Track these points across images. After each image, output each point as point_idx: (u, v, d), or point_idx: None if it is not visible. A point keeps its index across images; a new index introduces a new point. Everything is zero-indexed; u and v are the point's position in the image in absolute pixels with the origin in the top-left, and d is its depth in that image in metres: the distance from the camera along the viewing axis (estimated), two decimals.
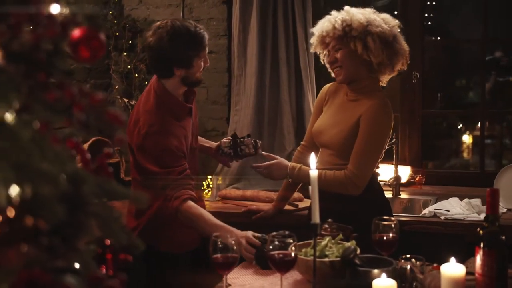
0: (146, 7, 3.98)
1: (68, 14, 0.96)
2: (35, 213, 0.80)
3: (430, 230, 2.86)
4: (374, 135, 2.49)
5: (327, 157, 2.60)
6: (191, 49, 2.44)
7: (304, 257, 1.91)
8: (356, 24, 2.50)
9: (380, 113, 2.51)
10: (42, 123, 0.84)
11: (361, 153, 2.48)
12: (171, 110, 2.51)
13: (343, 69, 2.57)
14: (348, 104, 2.61)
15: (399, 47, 2.56)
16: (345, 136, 2.53)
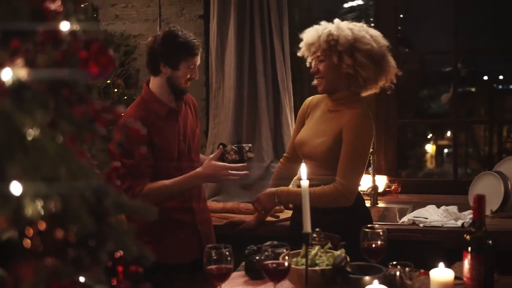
0: (122, 22, 3.99)
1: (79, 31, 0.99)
2: (65, 226, 0.82)
3: (410, 237, 2.92)
4: (358, 145, 2.54)
5: (311, 168, 2.63)
6: (179, 51, 2.58)
7: (295, 266, 1.95)
8: (343, 40, 2.53)
9: (361, 124, 2.55)
10: (68, 138, 0.86)
11: (348, 164, 2.53)
12: (151, 108, 2.63)
13: (324, 80, 2.63)
14: (329, 115, 2.66)
15: (387, 66, 2.61)
16: (328, 147, 2.57)
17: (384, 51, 2.61)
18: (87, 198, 0.85)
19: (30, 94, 0.86)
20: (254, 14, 3.65)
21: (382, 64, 2.59)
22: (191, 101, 2.87)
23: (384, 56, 2.60)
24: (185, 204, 2.70)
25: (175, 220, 2.65)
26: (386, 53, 2.62)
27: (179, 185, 2.57)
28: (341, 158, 2.53)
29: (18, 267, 0.83)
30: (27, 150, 0.81)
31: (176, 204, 2.65)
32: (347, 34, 2.55)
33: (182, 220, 2.68)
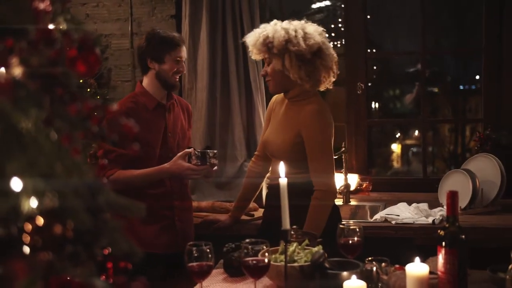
0: (93, 21, 3.96)
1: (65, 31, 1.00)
2: (63, 222, 0.84)
3: (382, 234, 2.98)
4: (320, 141, 2.59)
5: (276, 165, 2.70)
6: (161, 44, 2.74)
7: (274, 262, 1.97)
8: (276, 42, 2.58)
9: (317, 120, 2.60)
10: (63, 135, 0.88)
11: (317, 163, 2.58)
12: (140, 101, 2.78)
13: (272, 81, 2.70)
14: (288, 113, 2.71)
15: (321, 62, 2.61)
16: (288, 145, 2.64)
17: (317, 48, 2.59)
18: (82, 195, 0.86)
19: (24, 92, 0.86)
20: (226, 14, 3.67)
21: (314, 62, 2.59)
22: (186, 106, 3.01)
23: (317, 53, 2.60)
24: (166, 201, 2.78)
25: (154, 212, 2.71)
26: (320, 50, 2.60)
27: (145, 176, 2.68)
28: (309, 161, 2.58)
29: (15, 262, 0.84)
30: (24, 147, 0.82)
31: (157, 199, 2.72)
32: (280, 35, 2.57)
33: (161, 214, 2.73)
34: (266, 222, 2.78)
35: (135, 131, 0.97)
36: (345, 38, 4.01)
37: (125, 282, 0.89)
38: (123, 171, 2.64)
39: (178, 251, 2.69)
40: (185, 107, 3.00)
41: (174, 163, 2.68)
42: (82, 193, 0.86)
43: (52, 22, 0.98)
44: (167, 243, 2.76)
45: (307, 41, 2.57)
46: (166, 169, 2.69)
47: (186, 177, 2.74)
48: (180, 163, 2.67)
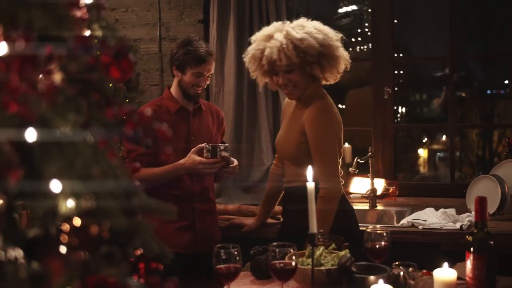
0: (123, 26, 4.02)
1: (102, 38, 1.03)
2: (100, 223, 0.86)
3: (408, 239, 2.97)
4: (321, 137, 2.58)
5: (288, 168, 2.75)
6: (185, 57, 2.78)
7: (300, 266, 1.99)
8: (311, 50, 2.57)
9: (318, 116, 2.60)
10: (100, 139, 0.90)
11: (319, 160, 2.57)
12: (164, 105, 2.86)
13: (297, 89, 2.65)
14: (295, 113, 2.72)
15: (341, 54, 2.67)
16: (294, 145, 2.64)
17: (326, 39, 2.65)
18: (118, 197, 0.89)
19: (63, 97, 0.89)
20: (253, 19, 3.70)
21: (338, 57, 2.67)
22: (216, 111, 3.05)
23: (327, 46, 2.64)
24: (187, 202, 2.82)
25: None
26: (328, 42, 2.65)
27: (163, 173, 2.75)
28: (313, 158, 2.57)
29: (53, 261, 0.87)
30: (62, 150, 0.85)
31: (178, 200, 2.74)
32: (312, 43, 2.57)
33: (180, 214, 2.74)
34: (285, 227, 2.80)
35: (168, 136, 1.00)
36: (371, 42, 4.00)
37: (158, 282, 0.92)
38: (144, 169, 2.68)
39: (196, 252, 2.75)
40: (216, 112, 3.03)
41: (188, 158, 2.72)
42: (117, 195, 0.89)
43: (88, 29, 1.01)
44: (185, 243, 2.80)
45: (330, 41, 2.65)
46: (181, 165, 2.73)
47: (199, 171, 2.75)
48: (192, 157, 2.71)
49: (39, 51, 0.75)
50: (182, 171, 2.76)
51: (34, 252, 0.87)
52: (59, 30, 0.80)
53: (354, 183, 3.78)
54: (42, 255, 0.85)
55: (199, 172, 2.76)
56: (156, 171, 2.73)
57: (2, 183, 0.75)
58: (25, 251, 0.87)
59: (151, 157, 2.69)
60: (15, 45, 0.71)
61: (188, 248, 2.79)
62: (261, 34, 2.72)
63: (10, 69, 0.71)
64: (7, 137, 0.75)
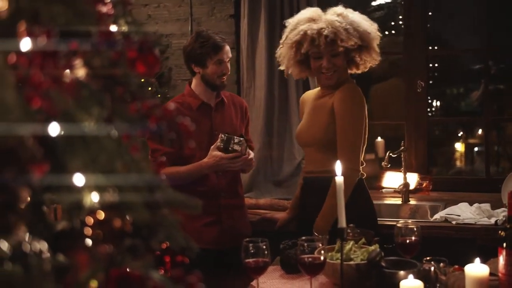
0: (155, 21, 4.05)
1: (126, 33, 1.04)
2: (123, 216, 0.87)
3: (442, 234, 2.93)
4: (350, 118, 2.60)
5: (311, 155, 2.74)
6: (203, 49, 2.77)
7: (330, 260, 1.98)
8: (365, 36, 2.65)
9: (349, 98, 2.63)
10: (123, 133, 0.91)
11: (344, 141, 2.59)
12: (186, 102, 2.84)
13: (337, 73, 2.69)
14: (319, 102, 2.75)
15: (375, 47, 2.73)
16: (322, 128, 2.65)
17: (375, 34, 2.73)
18: (141, 190, 0.89)
19: (87, 92, 0.90)
20: (284, 13, 3.68)
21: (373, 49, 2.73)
22: (240, 103, 3.03)
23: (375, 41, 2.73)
24: (213, 198, 2.82)
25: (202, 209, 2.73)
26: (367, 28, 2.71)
27: (188, 172, 2.73)
28: (338, 137, 2.59)
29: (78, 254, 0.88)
30: (86, 144, 0.86)
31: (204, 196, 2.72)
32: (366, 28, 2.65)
33: (207, 211, 2.77)
34: (301, 221, 2.78)
35: (191, 130, 1.00)
36: (404, 35, 3.95)
37: (182, 275, 0.92)
38: (169, 168, 2.68)
39: (224, 248, 2.75)
40: (239, 104, 3.01)
41: (210, 155, 2.71)
42: (140, 188, 0.90)
43: (114, 24, 1.02)
44: (212, 239, 2.80)
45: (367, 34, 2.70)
46: (205, 164, 2.72)
47: (223, 167, 2.74)
48: (214, 154, 2.69)
49: (61, 47, 0.76)
50: (206, 169, 2.75)
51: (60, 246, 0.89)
52: (81, 26, 0.81)
53: (386, 177, 3.75)
54: (67, 248, 0.86)
55: (223, 168, 2.75)
56: (181, 170, 2.72)
57: (27, 177, 0.76)
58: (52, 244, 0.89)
59: (175, 157, 2.70)
60: (37, 41, 0.72)
61: (216, 244, 2.80)
62: (301, 17, 2.73)
63: (33, 64, 0.72)
64: (31, 132, 0.76)
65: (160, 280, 0.86)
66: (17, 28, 0.72)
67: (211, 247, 2.77)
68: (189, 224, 2.76)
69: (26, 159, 0.76)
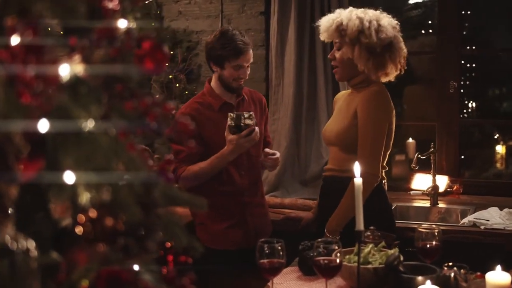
0: (186, 18, 4.06)
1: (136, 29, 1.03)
2: (115, 215, 0.86)
3: (469, 239, 2.86)
4: (371, 122, 2.56)
5: (334, 153, 2.72)
6: (224, 51, 2.69)
7: (347, 263, 1.95)
8: (350, 31, 2.58)
9: (372, 101, 2.58)
10: (119, 131, 0.90)
11: (364, 143, 2.55)
12: (206, 101, 2.79)
13: (339, 69, 2.70)
14: (347, 100, 2.72)
15: (389, 56, 2.60)
16: (345, 128, 2.62)
17: (388, 42, 2.59)
18: (136, 189, 0.88)
19: (86, 88, 0.90)
20: (315, 10, 3.65)
21: (383, 55, 2.59)
22: (258, 97, 2.98)
23: (387, 47, 2.59)
24: (237, 197, 2.79)
25: (226, 209, 2.77)
26: (390, 44, 2.60)
27: (211, 165, 2.68)
28: (359, 139, 2.56)
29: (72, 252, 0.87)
30: (81, 142, 0.85)
31: (228, 196, 2.76)
32: (354, 24, 2.57)
33: (231, 211, 2.78)
34: (320, 222, 2.74)
35: (192, 130, 0.99)
36: (437, 34, 3.87)
37: (175, 276, 0.91)
38: (191, 166, 2.68)
39: (252, 247, 2.73)
40: (258, 99, 2.95)
41: (228, 141, 2.62)
42: (134, 187, 0.89)
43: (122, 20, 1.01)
44: (240, 239, 2.77)
45: (379, 34, 2.57)
46: (226, 151, 2.63)
47: (243, 147, 2.63)
48: (230, 138, 2.61)
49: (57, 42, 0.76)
50: (229, 156, 2.66)
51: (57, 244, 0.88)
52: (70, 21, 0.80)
53: (415, 179, 3.68)
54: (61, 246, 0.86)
55: (243, 147, 2.65)
56: (202, 165, 2.68)
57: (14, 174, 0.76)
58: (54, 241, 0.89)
59: (199, 157, 2.69)
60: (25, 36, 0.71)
61: (241, 244, 2.77)
62: None
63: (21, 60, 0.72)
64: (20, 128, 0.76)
65: (151, 281, 0.85)
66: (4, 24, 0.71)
67: (236, 247, 2.76)
68: (214, 226, 2.76)
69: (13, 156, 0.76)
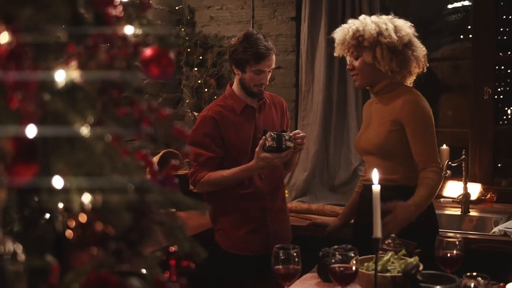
0: (217, 23, 4.09)
1: (141, 35, 1.04)
2: (105, 220, 0.87)
3: (499, 249, 2.80)
4: (423, 125, 2.53)
5: (371, 163, 2.66)
6: (245, 55, 2.69)
7: (366, 271, 1.92)
8: (368, 34, 2.57)
9: (417, 105, 2.55)
10: (113, 136, 0.91)
11: (423, 146, 2.52)
12: (228, 104, 2.79)
13: (359, 77, 2.67)
14: (377, 108, 2.68)
15: (411, 53, 2.59)
16: (384, 137, 2.58)
17: (408, 39, 2.59)
18: (128, 194, 0.89)
19: (82, 94, 0.91)
20: (346, 17, 3.62)
21: (406, 53, 2.58)
22: (279, 101, 2.96)
23: (408, 45, 2.59)
24: (258, 201, 2.78)
25: (246, 214, 2.77)
26: (409, 40, 2.60)
27: (234, 176, 2.69)
28: (414, 147, 2.53)
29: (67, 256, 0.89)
30: (74, 147, 0.86)
31: (249, 200, 2.76)
32: (371, 28, 2.57)
33: (252, 215, 2.77)
34: (358, 228, 2.72)
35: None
36: (472, 39, 3.81)
37: (164, 282, 0.91)
38: (213, 172, 2.70)
39: (268, 253, 2.72)
40: (279, 103, 2.94)
41: (259, 158, 2.62)
42: (126, 192, 0.89)
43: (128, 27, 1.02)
44: (260, 244, 2.76)
45: (398, 33, 2.58)
46: (254, 166, 2.64)
47: (273, 165, 2.67)
48: (264, 156, 2.61)
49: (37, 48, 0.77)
50: (256, 171, 2.69)
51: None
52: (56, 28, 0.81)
53: (447, 187, 3.61)
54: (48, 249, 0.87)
55: (275, 166, 2.69)
56: (225, 174, 2.69)
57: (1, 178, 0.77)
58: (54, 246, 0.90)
59: (219, 161, 2.71)
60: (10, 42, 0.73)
61: (261, 250, 2.74)
62: None
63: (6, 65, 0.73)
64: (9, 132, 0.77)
65: (138, 286, 0.85)
66: None
67: (256, 253, 2.75)
68: (233, 232, 2.76)
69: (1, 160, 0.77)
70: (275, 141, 2.61)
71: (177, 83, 4.05)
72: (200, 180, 2.69)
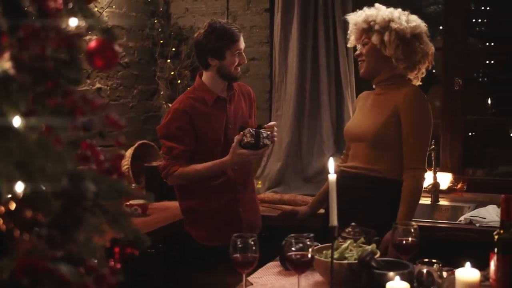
0: (192, 15, 4.10)
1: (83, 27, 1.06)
2: (34, 207, 0.90)
3: (464, 237, 2.84)
4: (420, 122, 2.57)
5: (360, 150, 2.68)
6: (222, 41, 2.71)
7: (324, 259, 1.96)
8: (380, 19, 2.62)
9: (417, 100, 2.60)
10: (46, 127, 0.94)
11: (414, 143, 2.56)
12: (199, 96, 2.80)
13: (365, 63, 2.70)
14: (377, 99, 2.71)
15: (418, 45, 2.63)
16: (381, 125, 2.60)
17: (417, 30, 2.63)
18: (59, 183, 0.91)
19: (16, 85, 0.93)
20: (318, 7, 3.66)
21: (413, 43, 2.61)
22: (246, 90, 2.97)
23: (417, 36, 2.63)
24: (230, 192, 2.81)
25: (218, 205, 2.80)
26: (419, 33, 2.64)
27: (208, 170, 2.72)
28: (406, 141, 2.56)
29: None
30: (6, 137, 0.89)
31: (221, 191, 2.78)
32: (384, 13, 2.63)
33: (225, 206, 2.80)
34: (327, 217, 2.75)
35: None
36: (443, 29, 3.85)
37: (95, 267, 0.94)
38: (185, 167, 2.71)
39: None
40: (247, 92, 2.95)
41: (235, 154, 2.64)
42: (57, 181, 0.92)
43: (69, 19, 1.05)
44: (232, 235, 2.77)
45: (409, 23, 2.63)
46: (228, 161, 2.68)
47: (248, 161, 2.73)
48: (241, 152, 2.63)
49: None
50: (230, 166, 2.73)
51: None
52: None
53: None
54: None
55: (249, 161, 2.74)
56: (200, 169, 2.71)
57: None
58: None
59: (191, 153, 2.73)
60: None
61: None
62: None
63: None
64: None
65: (66, 272, 0.88)
66: None
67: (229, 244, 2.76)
68: (206, 223, 2.79)
69: None
70: (254, 138, 2.65)
71: (152, 75, 4.06)
72: (174, 173, 2.71)
